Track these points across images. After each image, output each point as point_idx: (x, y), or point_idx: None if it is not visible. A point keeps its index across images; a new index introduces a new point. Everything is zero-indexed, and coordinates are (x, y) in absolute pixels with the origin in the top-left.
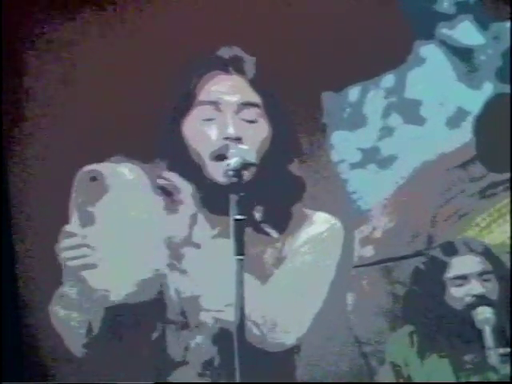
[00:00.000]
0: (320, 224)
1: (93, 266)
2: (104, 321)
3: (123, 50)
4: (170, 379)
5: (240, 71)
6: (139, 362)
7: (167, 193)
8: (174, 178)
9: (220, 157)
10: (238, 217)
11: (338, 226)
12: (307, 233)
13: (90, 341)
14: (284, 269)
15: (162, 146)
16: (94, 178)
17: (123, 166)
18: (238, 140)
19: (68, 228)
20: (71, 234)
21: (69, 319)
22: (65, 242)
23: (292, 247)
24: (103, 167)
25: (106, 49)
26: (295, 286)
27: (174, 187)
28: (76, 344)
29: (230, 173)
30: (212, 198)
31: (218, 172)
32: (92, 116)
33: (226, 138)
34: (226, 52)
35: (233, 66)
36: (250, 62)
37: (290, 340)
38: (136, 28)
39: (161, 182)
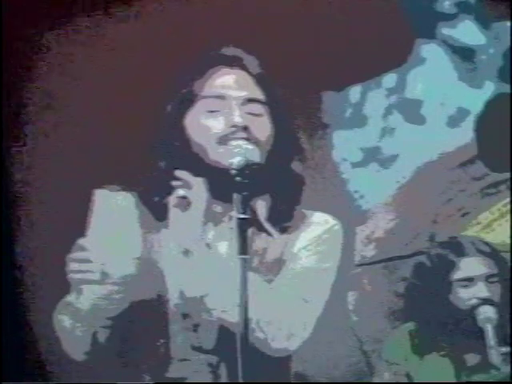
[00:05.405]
0: (319, 225)
1: (93, 282)
2: (108, 329)
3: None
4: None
5: (243, 68)
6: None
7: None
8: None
9: (226, 139)
10: (242, 216)
11: (338, 227)
12: (307, 235)
13: (93, 348)
14: (285, 273)
15: (163, 146)
16: None
17: (117, 194)
18: (245, 129)
19: (80, 241)
20: (81, 248)
21: (74, 328)
22: (73, 254)
23: (292, 250)
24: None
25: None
26: (296, 291)
27: (187, 184)
28: (78, 351)
29: (233, 172)
30: (219, 189)
31: (223, 155)
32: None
33: (233, 126)
34: (228, 51)
35: (236, 63)
36: (252, 62)
37: (293, 345)
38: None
39: (175, 183)
